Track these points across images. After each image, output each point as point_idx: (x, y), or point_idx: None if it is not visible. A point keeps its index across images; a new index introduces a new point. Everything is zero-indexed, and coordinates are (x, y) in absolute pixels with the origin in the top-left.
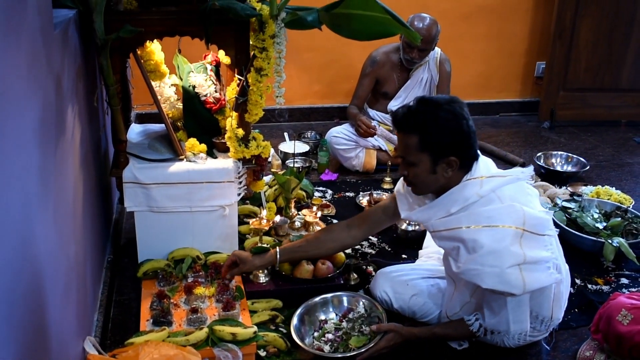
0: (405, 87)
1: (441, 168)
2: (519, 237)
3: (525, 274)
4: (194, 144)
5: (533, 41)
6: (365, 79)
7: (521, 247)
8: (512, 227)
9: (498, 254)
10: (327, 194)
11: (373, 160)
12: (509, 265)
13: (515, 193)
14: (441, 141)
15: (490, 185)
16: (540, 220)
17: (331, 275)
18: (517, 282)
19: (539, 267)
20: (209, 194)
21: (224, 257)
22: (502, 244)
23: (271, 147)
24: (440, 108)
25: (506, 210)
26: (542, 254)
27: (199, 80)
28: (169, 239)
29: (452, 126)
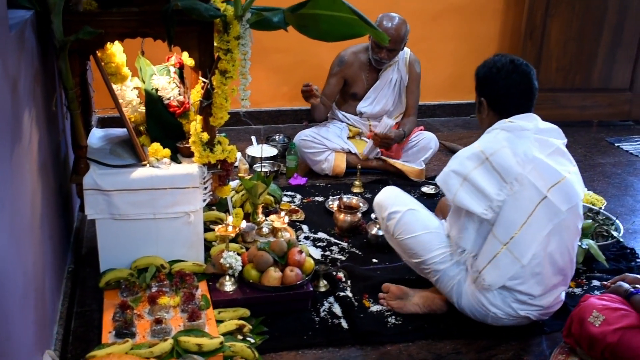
0: (375, 88)
1: (481, 107)
2: (479, 160)
3: (462, 188)
4: (157, 149)
5: (504, 41)
6: (332, 78)
7: (475, 168)
8: (480, 149)
9: (454, 158)
10: (295, 199)
11: (343, 163)
12: (453, 169)
13: (520, 142)
14: (478, 82)
15: (504, 125)
16: (509, 167)
17: (300, 282)
18: (452, 188)
19: (477, 194)
20: (173, 200)
21: (189, 266)
22: (463, 153)
23: (238, 151)
24: (498, 58)
25: (489, 138)
26: (487, 188)
27: (162, 83)
28: (132, 248)
29: (492, 74)
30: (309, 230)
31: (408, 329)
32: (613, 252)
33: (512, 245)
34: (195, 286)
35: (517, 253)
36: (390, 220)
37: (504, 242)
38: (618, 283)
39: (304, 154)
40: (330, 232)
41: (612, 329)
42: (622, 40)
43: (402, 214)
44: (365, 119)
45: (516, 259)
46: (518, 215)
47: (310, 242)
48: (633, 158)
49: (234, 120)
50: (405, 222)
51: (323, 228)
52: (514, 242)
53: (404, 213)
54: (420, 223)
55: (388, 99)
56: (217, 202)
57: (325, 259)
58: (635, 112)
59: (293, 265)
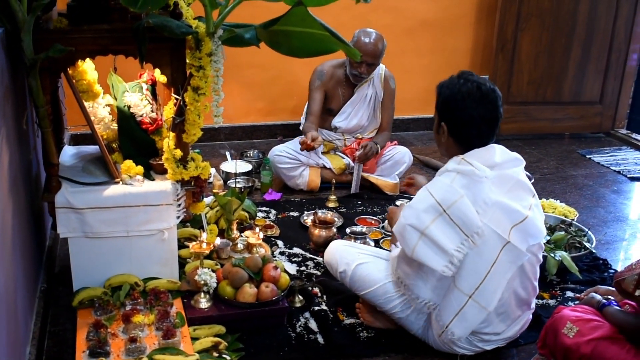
0: (350, 103)
1: (440, 130)
2: (437, 212)
3: (420, 243)
4: (130, 166)
5: (476, 55)
6: (315, 93)
7: (432, 221)
8: (436, 201)
9: (410, 209)
10: (270, 214)
11: (317, 178)
12: (410, 223)
13: (478, 188)
14: (440, 106)
15: (460, 167)
16: (469, 220)
17: (275, 298)
18: (410, 242)
19: (436, 250)
20: (147, 217)
21: (163, 283)
22: (419, 205)
23: (212, 167)
24: (458, 79)
25: (445, 187)
26: (447, 244)
27: (135, 100)
28: (106, 266)
29: (457, 100)
30: (284, 245)
31: (381, 342)
32: (586, 263)
33: (478, 296)
34: (170, 304)
35: (484, 302)
36: (342, 278)
37: (468, 294)
38: (591, 295)
39: (278, 169)
40: (305, 247)
41: (585, 340)
42: (591, 54)
43: (351, 272)
44: (339, 134)
45: (483, 308)
46: (481, 266)
47: (286, 257)
48: (604, 170)
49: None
50: (357, 279)
51: (298, 243)
52: (479, 292)
53: (353, 270)
54: (372, 277)
55: (363, 114)
56: (191, 219)
57: (300, 274)
58: (606, 125)
59: (268, 281)
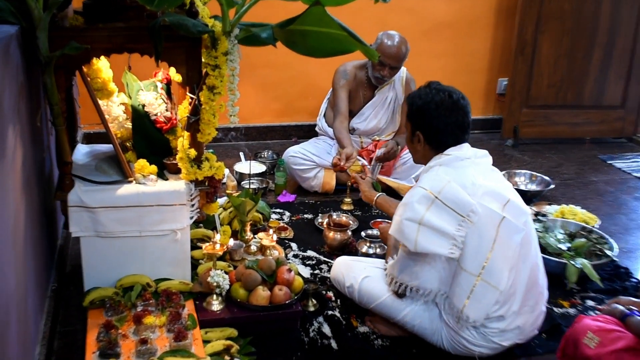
0: (370, 105)
1: (415, 139)
2: (429, 200)
3: (421, 234)
4: (144, 165)
5: (494, 57)
6: (342, 91)
7: (427, 209)
8: (427, 190)
9: (403, 206)
10: (284, 216)
11: (332, 180)
12: (406, 217)
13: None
14: (413, 116)
15: (440, 159)
16: (461, 201)
17: (289, 302)
18: (410, 236)
19: (437, 235)
20: (160, 217)
21: (175, 284)
22: (411, 198)
23: (226, 167)
24: (430, 90)
25: (431, 177)
26: (446, 227)
27: (149, 99)
28: (117, 266)
29: (430, 109)
30: (298, 248)
31: (397, 351)
32: (607, 272)
33: (486, 275)
34: (182, 305)
35: (493, 281)
36: (350, 293)
37: (476, 274)
38: (613, 305)
39: (292, 170)
40: (319, 250)
41: (607, 351)
42: (613, 57)
43: (358, 285)
44: (357, 136)
45: (494, 288)
46: (483, 244)
47: (300, 260)
48: (626, 176)
49: (221, 136)
50: (364, 293)
51: (312, 246)
52: (487, 271)
53: (359, 284)
54: (378, 288)
55: (382, 117)
56: (204, 220)
57: (314, 278)
58: (628, 130)
59: (282, 284)
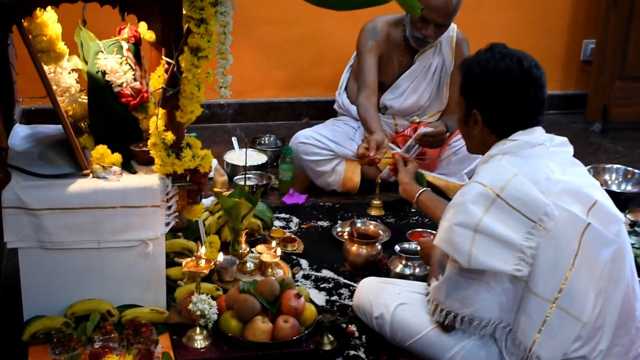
0: (408, 76)
1: (471, 120)
2: (488, 200)
3: (477, 243)
4: (104, 153)
5: (578, 12)
6: (369, 56)
7: (485, 212)
8: (485, 187)
9: (454, 207)
10: (291, 224)
11: (356, 176)
12: (458, 222)
13: (535, 164)
14: (470, 89)
15: (505, 146)
16: (532, 200)
17: (297, 338)
18: (463, 247)
19: (499, 246)
20: (125, 223)
21: (145, 313)
22: (463, 197)
23: (214, 157)
24: (493, 54)
25: (491, 169)
26: (511, 235)
27: (111, 64)
28: (68, 287)
29: (494, 80)
30: (310, 266)
31: None
32: None
33: (564, 301)
34: (154, 341)
35: (574, 310)
36: (379, 326)
37: (551, 300)
38: None
39: (303, 162)
40: (338, 270)
41: None
42: None
43: (390, 316)
44: (389, 116)
45: (574, 318)
46: (561, 259)
47: (312, 282)
48: None
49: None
50: (399, 325)
51: (329, 264)
52: (565, 295)
53: (392, 314)
54: (418, 320)
55: (424, 91)
56: (184, 227)
57: (331, 306)
58: None
59: (288, 314)
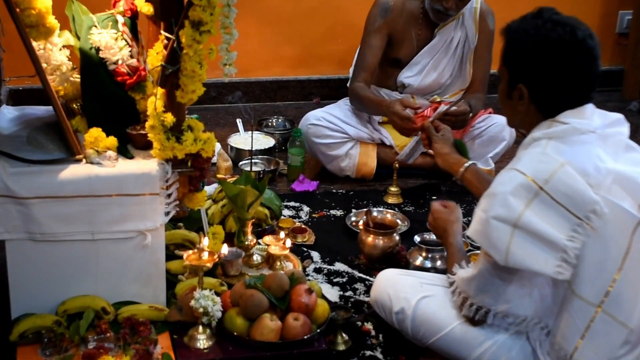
0: (427, 51)
1: (515, 95)
2: (530, 192)
3: (515, 240)
4: (98, 137)
5: None
6: (373, 37)
7: (527, 206)
8: (527, 177)
9: (491, 197)
10: (301, 213)
11: (372, 161)
12: (495, 215)
13: (584, 152)
14: (515, 59)
15: (552, 129)
16: (579, 195)
17: (308, 337)
18: (501, 242)
19: (540, 245)
20: (121, 213)
21: (144, 310)
22: (502, 187)
23: (217, 141)
24: (542, 21)
25: (536, 157)
26: (553, 233)
27: (106, 40)
28: (60, 283)
29: (540, 51)
30: (322, 259)
31: None
32: None
33: (611, 305)
34: (153, 341)
35: (622, 315)
36: (399, 322)
37: (596, 303)
38: None
39: (314, 145)
40: (353, 263)
41: None
42: None
43: (412, 311)
44: (407, 95)
45: (621, 324)
46: (609, 260)
47: (324, 276)
48: None
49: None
50: (422, 321)
51: (343, 256)
52: (612, 299)
53: (414, 308)
54: (442, 314)
55: (446, 68)
56: (185, 217)
57: (346, 302)
58: None
59: (298, 312)
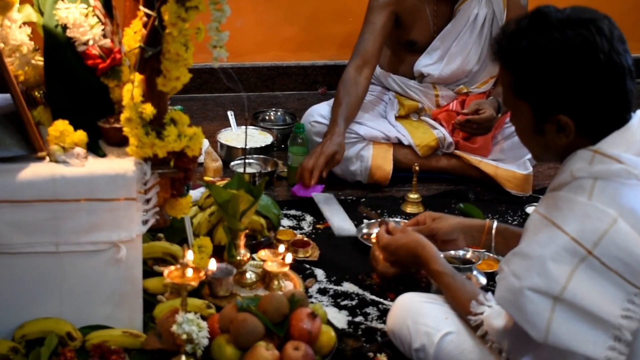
0: (447, 33)
1: (550, 129)
2: (576, 257)
3: (557, 316)
4: (65, 131)
5: None
6: (376, 14)
7: (571, 274)
8: (573, 239)
9: (526, 259)
10: (304, 223)
11: (387, 163)
12: (533, 286)
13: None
14: (544, 88)
15: (597, 167)
16: (635, 257)
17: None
18: (539, 319)
19: (588, 323)
20: (91, 221)
21: (116, 336)
22: (540, 249)
23: (205, 137)
24: (557, 30)
25: (581, 210)
26: (604, 310)
27: (75, 16)
28: (17, 303)
29: (566, 66)
30: (328, 278)
31: None
32: None
33: None
34: None
35: None
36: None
37: None
38: None
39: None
40: (364, 283)
41: None
42: None
43: (434, 350)
44: (428, 85)
45: None
46: None
47: (330, 299)
48: None
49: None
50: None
51: (352, 275)
52: None
53: (437, 348)
54: (472, 353)
55: (471, 52)
56: (167, 226)
57: (355, 330)
58: None
59: (299, 340)
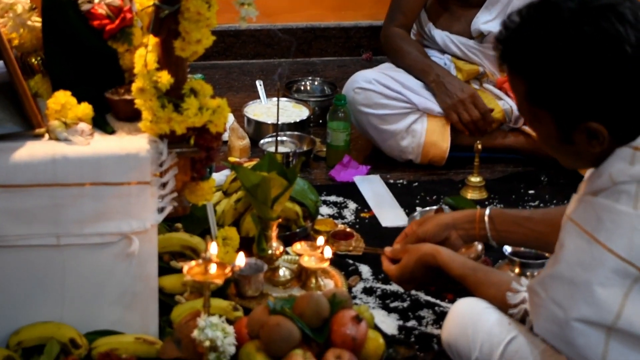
0: None
1: (580, 137)
2: (628, 279)
3: (613, 347)
4: (67, 104)
5: None
6: None
7: (624, 299)
8: (620, 258)
9: (573, 288)
10: (346, 211)
11: (444, 140)
12: (581, 317)
13: None
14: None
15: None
16: None
17: None
18: (592, 352)
19: None
20: (98, 209)
21: (127, 343)
22: (585, 274)
23: (230, 111)
24: (572, 26)
25: (630, 224)
26: None
27: None
28: (13, 305)
29: (588, 67)
30: (375, 276)
31: None
32: None
33: None
34: None
35: None
36: None
37: None
38: None
39: (364, 118)
40: None
41: None
42: None
43: (498, 356)
44: (487, 46)
45: None
46: None
47: (377, 299)
48: None
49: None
50: None
51: None
52: None
53: (502, 354)
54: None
55: None
56: (186, 215)
57: (407, 336)
58: None
59: (342, 347)
